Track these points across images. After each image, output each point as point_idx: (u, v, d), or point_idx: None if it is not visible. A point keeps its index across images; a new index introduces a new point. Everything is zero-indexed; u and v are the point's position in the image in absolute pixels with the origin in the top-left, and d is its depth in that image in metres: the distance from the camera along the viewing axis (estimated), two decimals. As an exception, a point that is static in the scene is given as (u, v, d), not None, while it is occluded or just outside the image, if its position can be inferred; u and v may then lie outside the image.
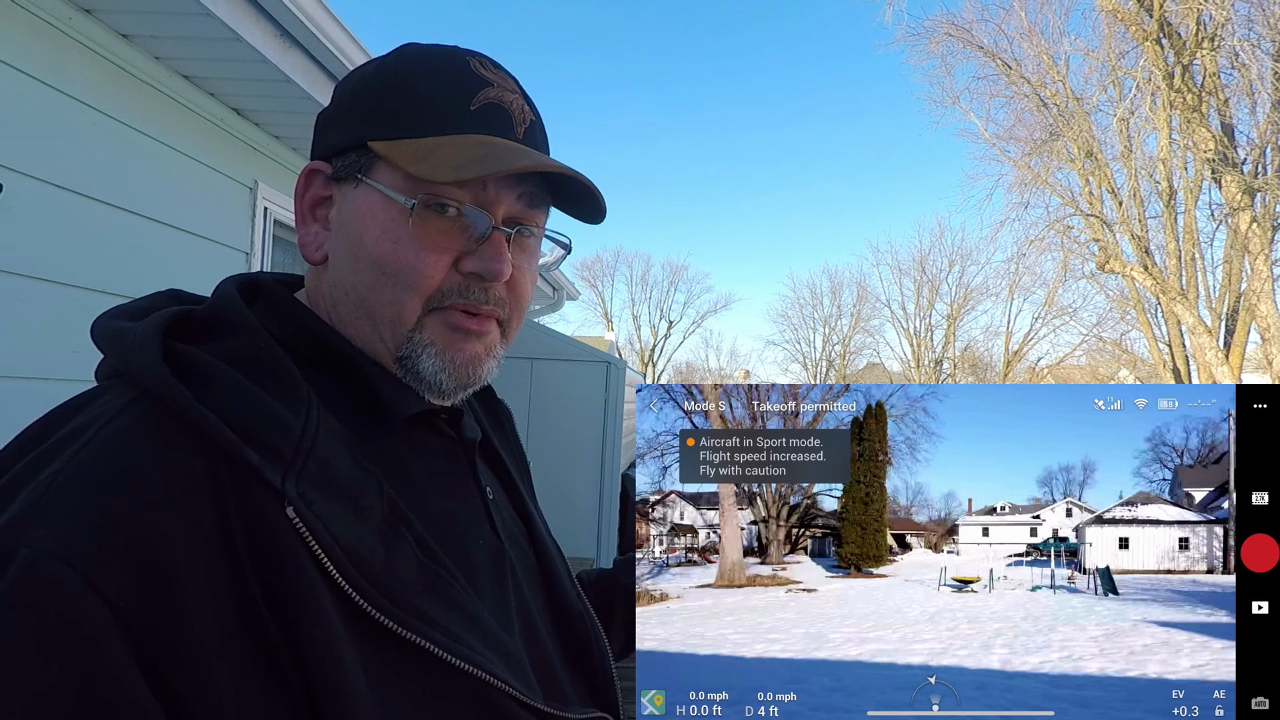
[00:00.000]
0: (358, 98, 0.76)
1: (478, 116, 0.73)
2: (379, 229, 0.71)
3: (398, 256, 0.71)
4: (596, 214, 0.78)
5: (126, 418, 0.60)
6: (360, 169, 0.73)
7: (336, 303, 0.75)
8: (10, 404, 2.40)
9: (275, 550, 0.57)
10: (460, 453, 0.81)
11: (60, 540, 0.52)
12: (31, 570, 0.51)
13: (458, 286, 0.73)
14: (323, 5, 2.97)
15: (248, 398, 0.61)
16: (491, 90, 0.74)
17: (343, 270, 0.74)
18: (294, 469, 0.60)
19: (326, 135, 0.77)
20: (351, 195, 0.74)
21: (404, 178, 0.71)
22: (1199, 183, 12.07)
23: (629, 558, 0.91)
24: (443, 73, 0.74)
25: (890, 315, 32.54)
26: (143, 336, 0.63)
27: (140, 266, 2.93)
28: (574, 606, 0.85)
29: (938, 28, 14.12)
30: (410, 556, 0.64)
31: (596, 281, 38.11)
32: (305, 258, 0.77)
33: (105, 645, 0.51)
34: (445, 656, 0.61)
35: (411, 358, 0.73)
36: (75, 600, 0.51)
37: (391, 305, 0.72)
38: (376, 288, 0.72)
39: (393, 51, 0.78)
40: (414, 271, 0.71)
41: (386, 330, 0.73)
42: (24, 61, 2.39)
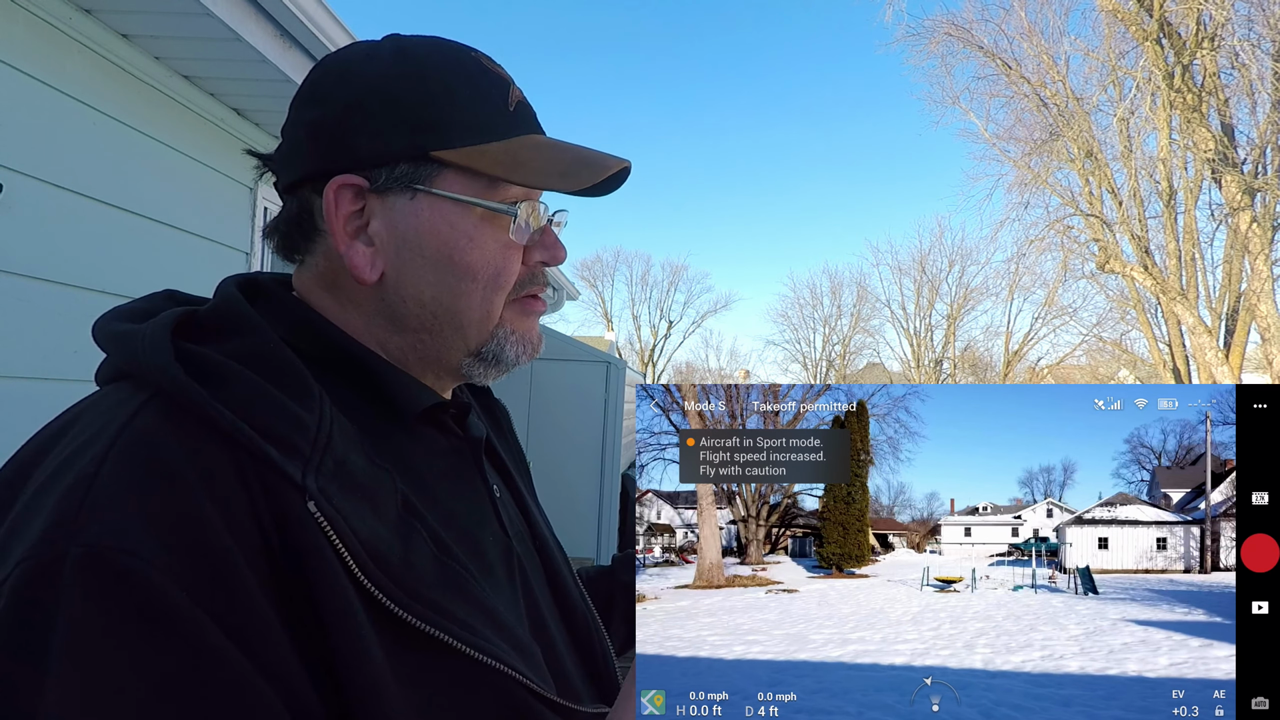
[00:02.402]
0: (390, 104, 0.72)
1: (517, 115, 0.76)
2: (464, 238, 0.72)
3: (489, 262, 0.73)
4: (609, 190, 0.80)
5: (147, 416, 0.60)
6: (418, 179, 0.72)
7: (401, 317, 0.74)
8: (10, 404, 2.41)
9: (302, 543, 0.58)
10: (467, 451, 0.81)
11: (117, 535, 0.53)
12: (97, 565, 0.51)
13: (528, 276, 0.77)
14: (323, 5, 2.98)
15: (262, 395, 0.62)
16: (513, 88, 0.77)
17: (417, 284, 0.73)
18: (312, 464, 0.60)
19: (348, 145, 0.72)
20: (407, 207, 0.72)
21: (485, 184, 0.72)
22: (1199, 183, 12.07)
23: (628, 554, 0.92)
24: (468, 73, 0.75)
25: (890, 315, 32.53)
26: (152, 337, 0.63)
27: (140, 266, 2.94)
28: (577, 604, 0.85)
29: (938, 28, 14.13)
30: (426, 551, 0.65)
31: (596, 281, 38.14)
32: (359, 280, 0.73)
33: (200, 625, 0.52)
34: (464, 649, 0.62)
35: (496, 350, 0.76)
36: (153, 586, 0.52)
37: (481, 307, 0.74)
38: (465, 295, 0.73)
39: (393, 51, 0.75)
40: (504, 273, 0.74)
41: (473, 331, 0.75)
42: (24, 61, 2.40)
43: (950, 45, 14.21)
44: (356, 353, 0.74)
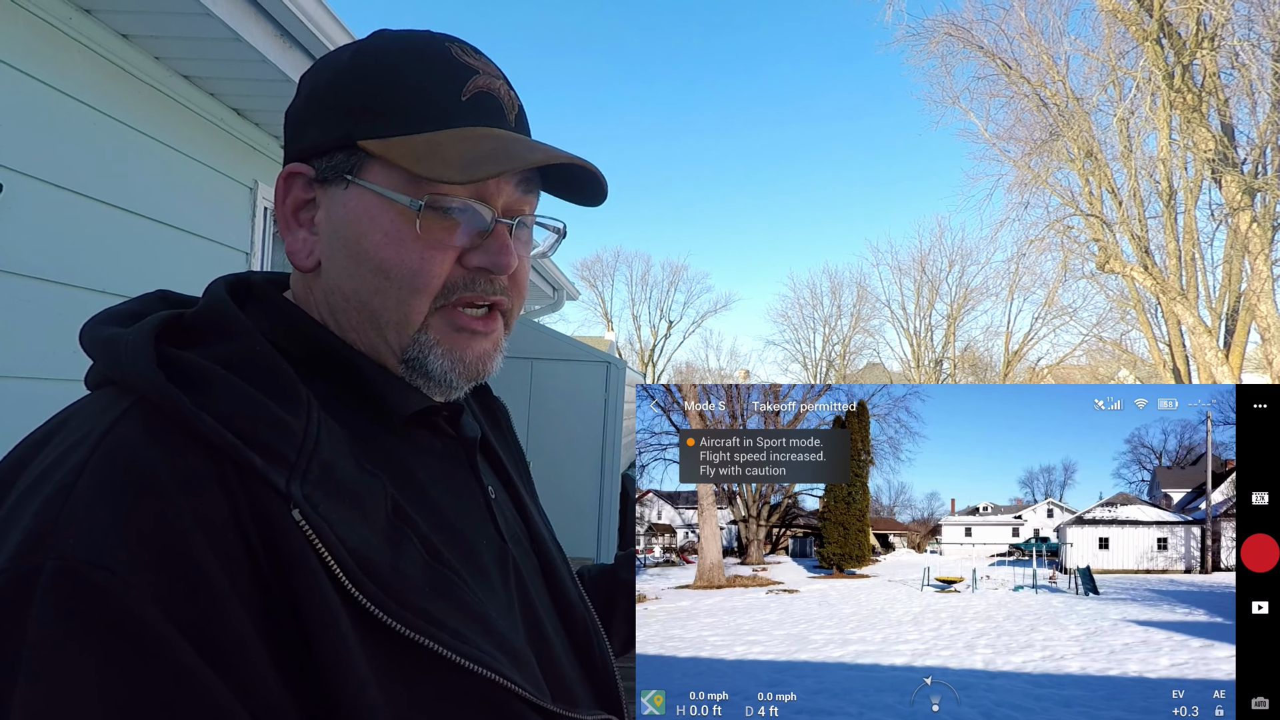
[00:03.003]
0: (336, 93, 0.72)
1: (470, 106, 0.71)
2: (379, 232, 0.70)
3: (403, 259, 0.70)
4: (596, 196, 0.77)
5: (127, 425, 0.59)
6: (349, 170, 0.71)
7: (335, 309, 0.74)
8: (10, 404, 2.40)
9: (286, 552, 0.57)
10: (461, 452, 0.80)
11: (90, 548, 0.52)
12: (69, 578, 0.51)
13: (463, 281, 0.72)
14: (323, 5, 2.97)
15: (246, 401, 0.61)
16: (480, 78, 0.73)
17: (340, 276, 0.72)
18: (297, 471, 0.59)
19: (303, 134, 0.74)
20: (341, 198, 0.72)
21: (404, 177, 0.69)
22: (1199, 183, 12.06)
23: (629, 554, 0.91)
24: (426, 62, 0.72)
25: (890, 315, 32.50)
26: (134, 343, 0.62)
27: (140, 266, 2.94)
28: (576, 606, 0.84)
29: (938, 28, 14.11)
30: (416, 558, 0.64)
31: (596, 281, 38.11)
32: (295, 265, 0.75)
33: (171, 642, 0.51)
34: (453, 658, 0.61)
35: (419, 359, 0.72)
36: (122, 601, 0.51)
37: (398, 308, 0.71)
38: (380, 292, 0.71)
39: (365, 40, 0.75)
40: (421, 273, 0.70)
41: (392, 333, 0.72)
42: (24, 61, 2.40)
43: (950, 45, 14.20)
44: (345, 355, 0.73)
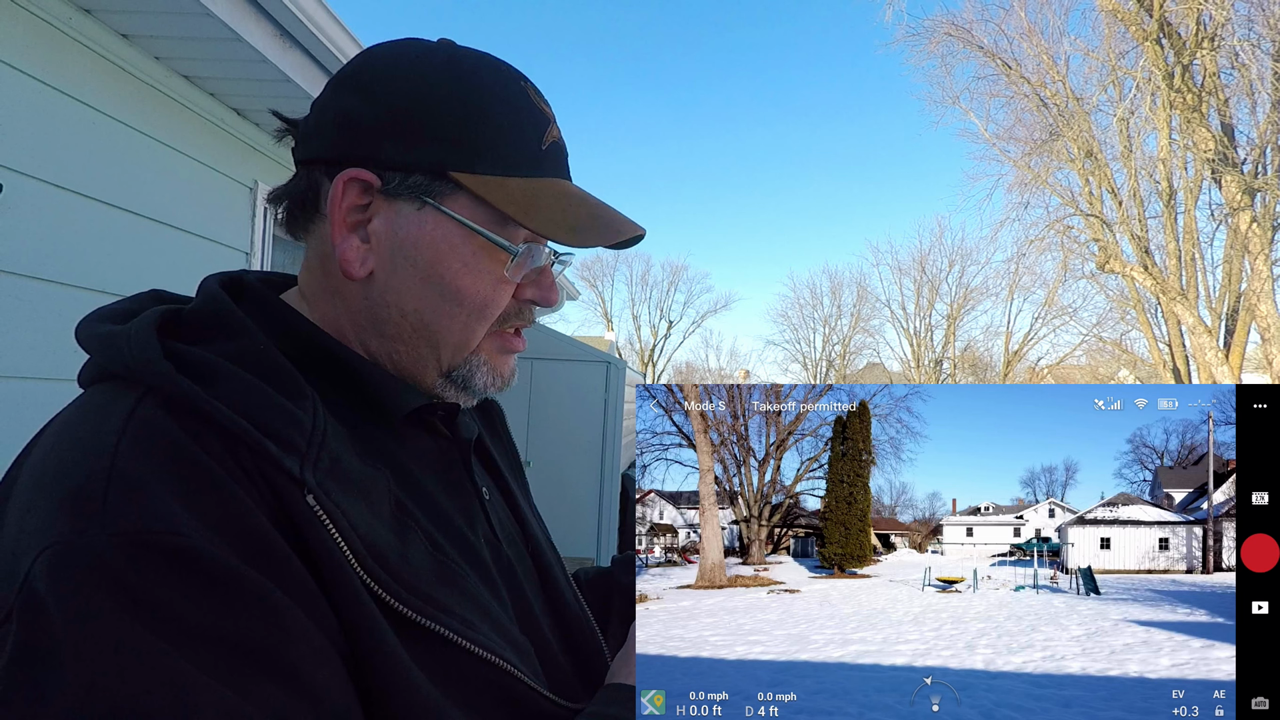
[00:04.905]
0: (426, 114, 0.71)
1: (548, 156, 0.76)
2: (459, 261, 0.72)
3: (478, 291, 0.73)
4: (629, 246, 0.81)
5: (147, 409, 0.59)
6: (429, 193, 0.72)
7: (381, 321, 0.74)
8: (10, 404, 2.40)
9: (307, 535, 0.59)
10: (456, 453, 0.81)
11: (156, 518, 0.52)
12: (149, 550, 0.51)
13: (514, 311, 0.78)
14: (323, 5, 2.98)
15: (255, 393, 0.61)
16: (553, 127, 0.77)
17: (401, 292, 0.73)
18: (309, 459, 0.60)
19: (374, 143, 0.72)
20: (413, 217, 0.72)
21: (493, 215, 0.72)
22: (1199, 183, 12.07)
23: (628, 556, 0.92)
24: (514, 104, 0.74)
25: (890, 315, 32.55)
26: (138, 336, 0.63)
27: (140, 266, 2.94)
28: (571, 608, 0.85)
29: (938, 28, 14.12)
30: (422, 548, 0.66)
31: (596, 281, 38.14)
32: (346, 274, 0.73)
33: (267, 586, 0.53)
34: (463, 643, 0.63)
35: (466, 375, 0.76)
36: (214, 558, 0.52)
37: (461, 332, 0.74)
38: (448, 316, 0.73)
39: (442, 57, 0.74)
40: (492, 304, 0.74)
41: (447, 352, 0.75)
42: (24, 61, 2.40)
43: (950, 45, 14.21)
44: (341, 355, 0.74)
